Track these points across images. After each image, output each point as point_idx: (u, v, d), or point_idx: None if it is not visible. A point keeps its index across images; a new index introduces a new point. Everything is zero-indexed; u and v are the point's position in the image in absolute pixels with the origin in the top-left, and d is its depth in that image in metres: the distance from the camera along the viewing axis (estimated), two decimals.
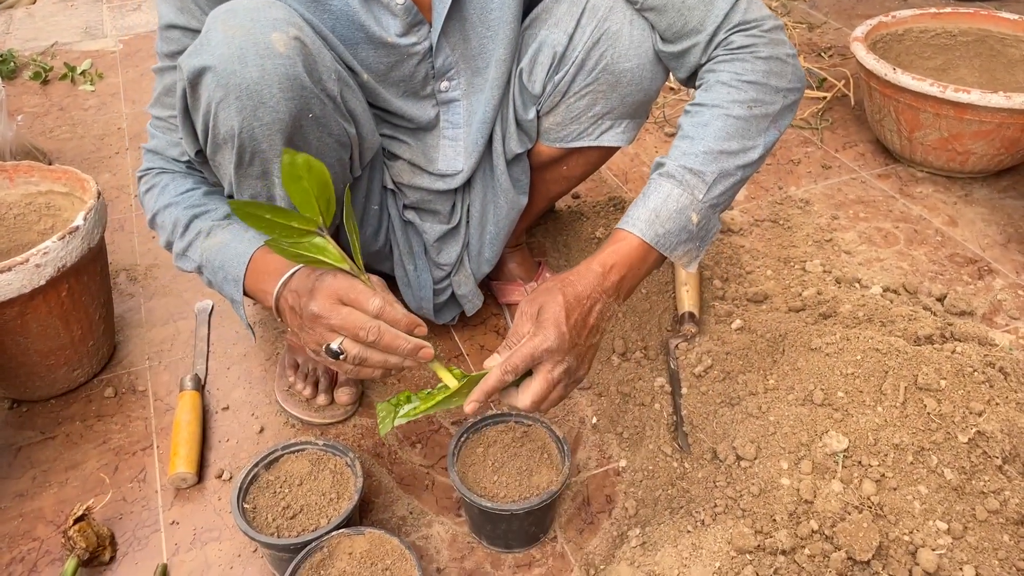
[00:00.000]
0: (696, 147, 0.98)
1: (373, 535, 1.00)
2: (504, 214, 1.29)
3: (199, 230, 1.06)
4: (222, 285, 1.04)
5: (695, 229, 0.99)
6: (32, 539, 1.14)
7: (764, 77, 1.00)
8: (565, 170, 1.29)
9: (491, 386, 0.91)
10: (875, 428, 1.04)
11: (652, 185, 0.99)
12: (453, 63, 1.15)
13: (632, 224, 0.98)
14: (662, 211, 0.97)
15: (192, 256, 1.07)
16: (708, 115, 1.00)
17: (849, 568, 0.94)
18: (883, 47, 1.98)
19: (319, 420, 1.29)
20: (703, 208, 0.98)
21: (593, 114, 1.16)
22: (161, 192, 1.10)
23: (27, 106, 2.32)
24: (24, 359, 1.25)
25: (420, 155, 1.23)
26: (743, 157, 0.99)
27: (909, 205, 1.78)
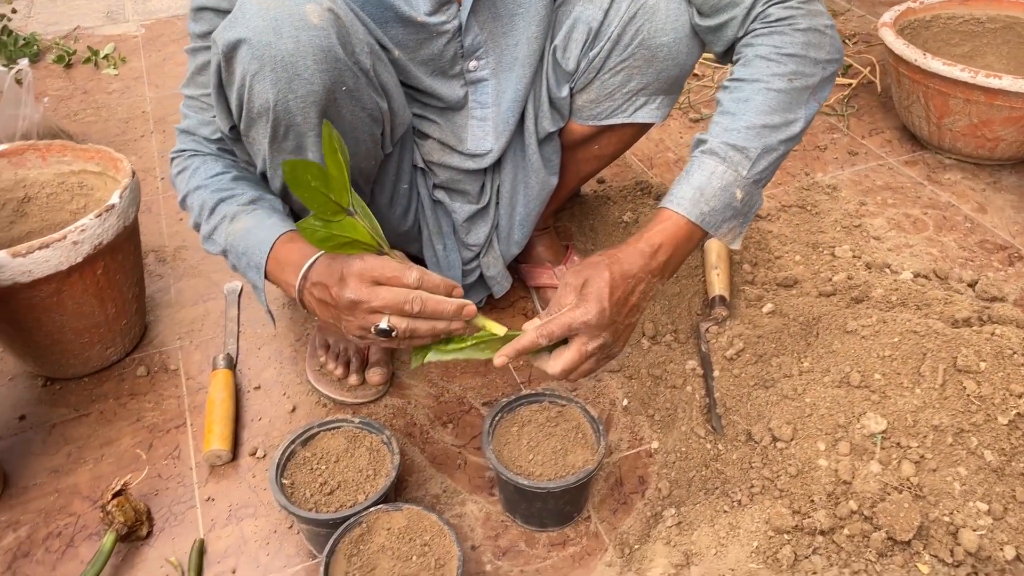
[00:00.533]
0: (738, 123, 0.98)
1: (411, 511, 1.00)
2: (535, 194, 1.29)
3: (224, 214, 1.06)
4: (245, 271, 1.04)
5: (739, 206, 0.98)
6: (69, 514, 1.15)
7: (803, 49, 0.99)
8: (597, 149, 1.29)
9: (523, 346, 0.93)
10: (914, 410, 1.04)
11: (695, 163, 0.99)
12: (482, 42, 1.15)
13: (677, 203, 0.98)
14: (707, 189, 0.97)
15: (217, 240, 1.07)
16: (749, 90, 0.99)
17: (889, 548, 0.95)
18: (910, 33, 1.96)
19: (351, 400, 1.29)
20: (747, 184, 0.98)
21: (628, 90, 1.16)
22: (192, 175, 1.11)
23: (51, 89, 2.33)
24: (59, 336, 1.26)
25: (449, 134, 1.23)
26: (786, 131, 0.99)
27: (937, 192, 1.77)
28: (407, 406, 1.30)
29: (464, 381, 1.35)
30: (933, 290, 1.32)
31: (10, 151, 1.36)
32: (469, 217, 1.32)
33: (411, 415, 1.29)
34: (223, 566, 1.08)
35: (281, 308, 1.50)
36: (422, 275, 0.90)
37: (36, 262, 1.14)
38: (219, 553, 1.10)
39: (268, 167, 1.05)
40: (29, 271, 1.14)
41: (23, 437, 1.26)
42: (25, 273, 1.14)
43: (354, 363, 1.31)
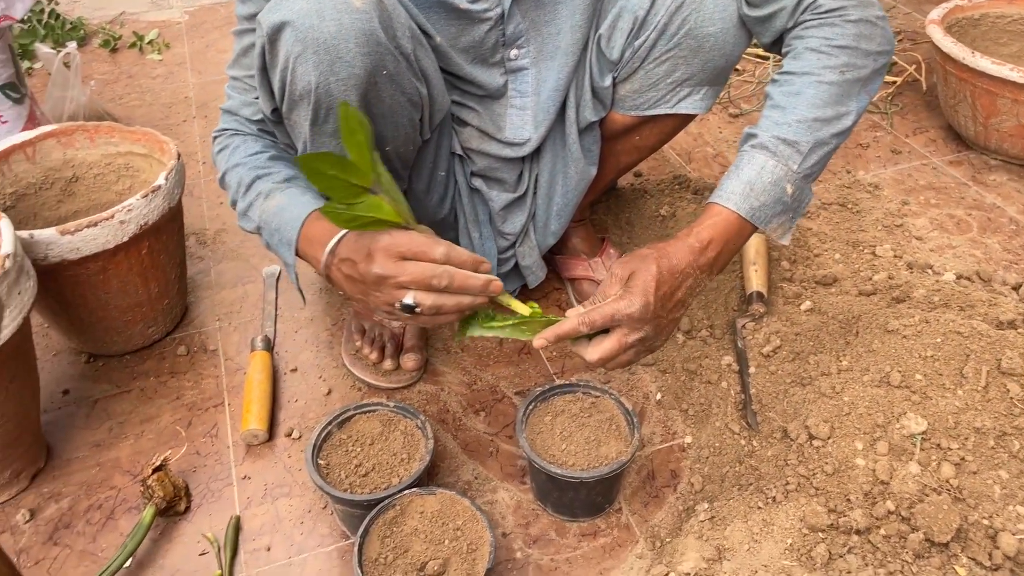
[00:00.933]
0: (789, 116, 0.97)
1: (444, 496, 1.01)
2: (573, 185, 1.29)
3: (259, 191, 1.07)
4: (277, 247, 1.05)
5: (789, 201, 0.98)
6: (109, 487, 1.18)
7: (855, 41, 0.97)
8: (638, 140, 1.28)
9: (564, 331, 0.93)
10: (955, 411, 1.02)
11: (744, 157, 0.98)
12: (523, 31, 1.14)
13: (727, 198, 0.97)
14: (756, 184, 0.96)
15: (252, 216, 1.08)
16: (800, 83, 0.98)
17: (926, 550, 0.93)
18: (958, 31, 1.93)
19: (385, 384, 1.31)
20: (798, 179, 0.97)
21: (672, 80, 1.15)
22: (232, 153, 1.12)
23: (97, 73, 2.37)
24: (103, 314, 1.29)
25: (488, 122, 1.24)
26: (837, 124, 0.98)
27: (982, 193, 1.73)
28: (440, 392, 1.31)
29: (497, 370, 1.35)
30: (976, 292, 1.29)
31: (60, 131, 1.38)
32: (506, 205, 1.32)
33: (444, 402, 1.30)
34: (258, 543, 1.10)
35: (318, 292, 1.51)
36: (449, 249, 0.90)
37: (84, 240, 1.17)
38: (254, 531, 1.11)
39: (308, 149, 1.06)
40: (77, 248, 1.17)
41: (66, 411, 1.29)
42: (73, 250, 1.17)
43: (389, 348, 1.32)
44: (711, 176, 1.79)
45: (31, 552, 1.09)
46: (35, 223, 1.37)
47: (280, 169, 1.10)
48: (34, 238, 1.14)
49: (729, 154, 1.89)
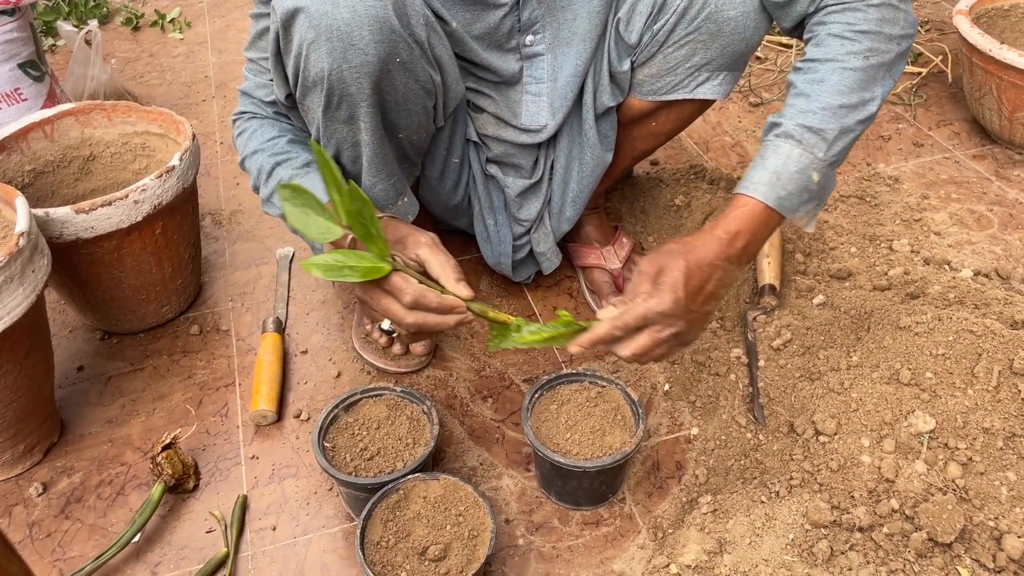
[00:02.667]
0: (813, 104, 0.96)
1: (447, 481, 1.02)
2: (589, 171, 1.28)
3: (280, 178, 1.08)
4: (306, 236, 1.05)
5: (815, 188, 0.97)
6: (120, 464, 1.20)
7: (877, 25, 0.96)
8: (654, 126, 1.27)
9: (599, 336, 0.94)
10: (964, 411, 1.01)
11: (769, 147, 0.97)
12: (539, 17, 1.14)
13: (753, 188, 0.96)
14: (783, 173, 0.95)
15: (276, 203, 1.10)
16: (824, 70, 0.97)
17: (929, 549, 0.93)
18: (987, 22, 1.89)
19: (394, 368, 1.31)
20: (823, 166, 0.96)
21: (691, 65, 1.14)
22: (250, 137, 1.13)
23: (118, 51, 2.39)
24: (118, 292, 1.30)
25: (504, 109, 1.23)
26: (862, 111, 0.97)
27: (1005, 188, 1.70)
28: (449, 378, 1.32)
29: (506, 357, 1.35)
30: (993, 289, 1.28)
31: (78, 110, 1.40)
32: (521, 192, 1.32)
33: (452, 387, 1.30)
34: (264, 523, 1.11)
35: None
36: (417, 298, 0.92)
37: (98, 219, 1.18)
38: (261, 510, 1.13)
39: (321, 135, 1.06)
40: (92, 227, 1.18)
41: (80, 387, 1.31)
42: (88, 229, 1.18)
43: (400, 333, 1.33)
44: (728, 166, 1.77)
45: (43, 525, 1.11)
46: (53, 201, 1.38)
47: (299, 153, 1.10)
48: (49, 216, 1.15)
49: (748, 143, 1.87)
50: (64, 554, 1.08)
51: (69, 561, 1.07)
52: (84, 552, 1.08)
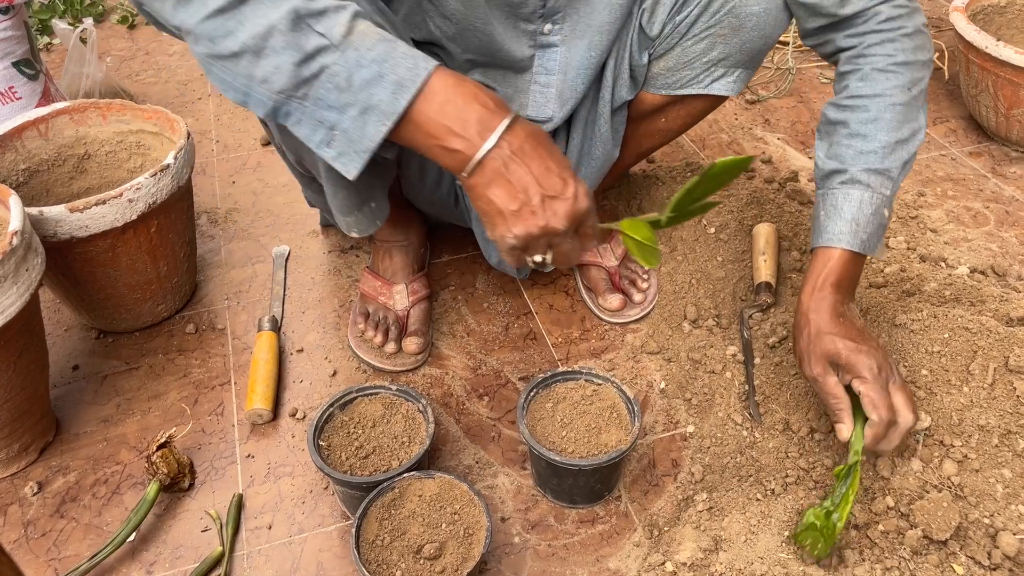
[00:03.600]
0: (872, 144, 0.99)
1: (443, 480, 1.02)
2: (596, 167, 1.28)
3: (345, 5, 0.73)
4: (369, 85, 0.72)
5: (887, 221, 1.02)
6: (116, 463, 1.19)
7: (913, 54, 1.00)
8: (663, 123, 1.27)
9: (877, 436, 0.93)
10: (960, 408, 1.01)
11: (840, 196, 1.00)
12: (562, 6, 1.11)
13: (837, 239, 1.00)
14: (860, 218, 0.99)
15: (323, 27, 0.71)
16: (875, 108, 0.99)
17: (924, 547, 0.93)
18: (983, 19, 1.89)
19: (389, 367, 1.31)
20: (891, 201, 1.01)
21: (708, 59, 1.15)
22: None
23: (114, 49, 2.38)
24: (113, 291, 1.30)
25: (512, 100, 1.21)
26: (915, 141, 1.01)
27: (1001, 185, 1.70)
28: (445, 376, 1.32)
29: (502, 355, 1.35)
30: (989, 287, 1.28)
31: (73, 108, 1.39)
32: None
33: (448, 385, 1.30)
34: (259, 521, 1.11)
35: (326, 274, 1.52)
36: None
37: (93, 218, 1.18)
38: (256, 509, 1.13)
39: (276, 138, 1.04)
40: (86, 226, 1.18)
41: (76, 386, 1.31)
42: (82, 228, 1.18)
43: (392, 331, 1.32)
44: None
45: (38, 524, 1.11)
46: (47, 199, 1.38)
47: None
48: (43, 215, 1.15)
49: (744, 141, 1.87)
50: (59, 553, 1.08)
51: (64, 560, 1.07)
52: (79, 551, 1.08)
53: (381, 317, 1.34)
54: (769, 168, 1.75)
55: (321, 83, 0.71)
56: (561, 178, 0.77)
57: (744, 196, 1.54)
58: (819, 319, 0.98)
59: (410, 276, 1.38)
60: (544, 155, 0.76)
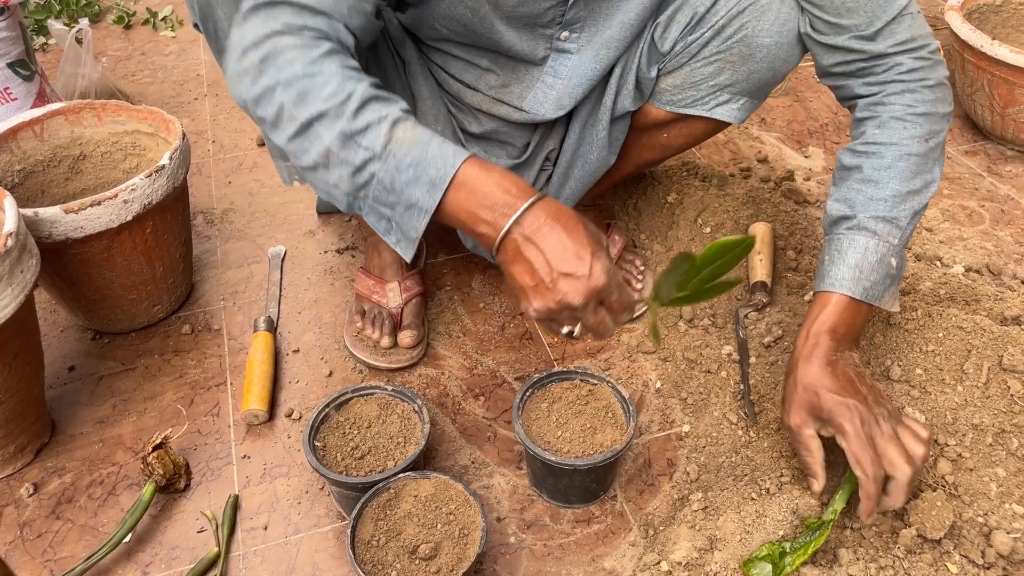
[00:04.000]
0: (883, 192, 0.98)
1: (438, 480, 1.02)
2: (590, 171, 1.28)
3: (384, 115, 0.83)
4: (406, 188, 0.83)
5: (895, 272, 0.99)
6: (112, 464, 1.19)
7: (933, 106, 0.99)
8: (664, 138, 1.27)
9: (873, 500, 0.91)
10: (954, 407, 1.01)
11: (846, 241, 0.99)
12: (582, 17, 1.11)
13: (839, 285, 0.98)
14: (864, 265, 0.98)
15: (366, 142, 0.82)
16: (890, 156, 0.99)
17: (919, 546, 0.93)
18: (979, 18, 1.89)
19: (384, 365, 1.31)
20: (899, 251, 0.99)
21: (715, 83, 1.14)
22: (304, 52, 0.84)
23: (110, 49, 2.38)
24: (108, 292, 1.30)
25: (511, 89, 1.19)
26: (927, 192, 1.00)
27: (997, 184, 1.71)
28: (441, 376, 1.32)
29: (498, 355, 1.35)
30: (984, 286, 1.28)
31: (68, 109, 1.39)
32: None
33: (444, 385, 1.30)
34: (255, 522, 1.11)
35: (322, 274, 1.52)
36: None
37: (88, 219, 1.18)
38: (252, 509, 1.13)
39: None
40: (81, 227, 1.18)
41: (72, 387, 1.31)
42: (77, 229, 1.18)
43: (387, 326, 1.33)
44: (720, 163, 1.77)
45: (34, 525, 1.11)
46: (43, 200, 1.38)
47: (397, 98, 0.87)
48: (38, 216, 1.15)
49: (740, 141, 1.87)
50: (55, 554, 1.08)
51: (60, 561, 1.07)
52: (75, 552, 1.08)
53: (376, 314, 1.34)
54: (765, 167, 1.76)
55: (372, 187, 0.83)
56: (578, 256, 0.81)
57: (740, 195, 1.54)
58: (807, 368, 0.96)
59: (402, 273, 1.38)
60: (563, 234, 0.81)
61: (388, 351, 1.32)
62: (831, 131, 1.91)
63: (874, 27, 0.98)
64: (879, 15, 0.98)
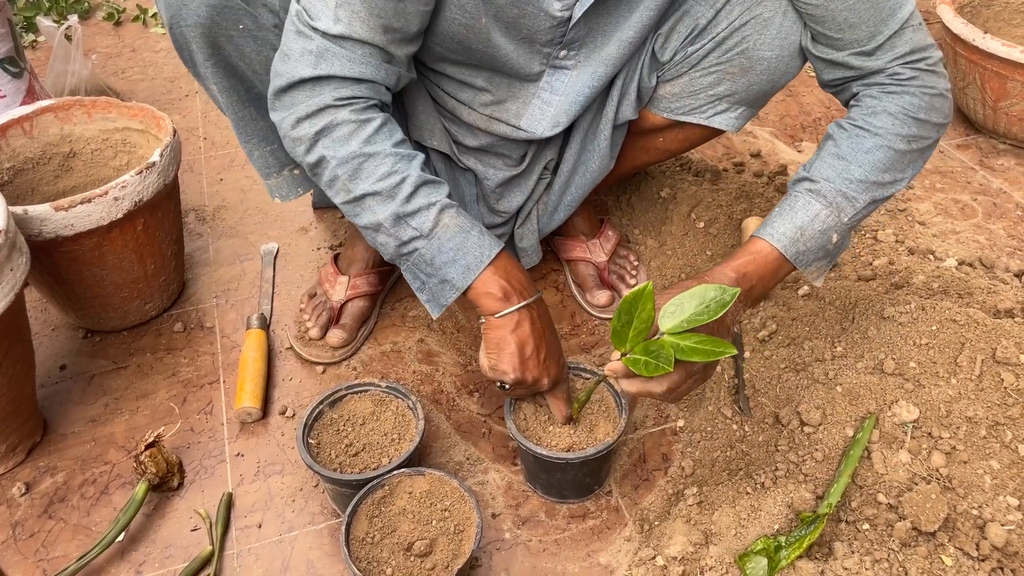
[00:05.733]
0: (853, 173, 0.99)
1: (433, 476, 1.01)
2: (590, 178, 1.28)
3: (433, 201, 0.98)
4: (445, 267, 0.99)
5: (832, 248, 1.00)
6: (104, 463, 1.19)
7: (927, 114, 0.99)
8: (660, 142, 1.27)
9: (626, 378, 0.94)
10: (948, 400, 1.01)
11: (799, 200, 1.00)
12: (581, 37, 1.09)
13: (777, 238, 0.99)
14: (808, 229, 0.98)
15: (415, 223, 0.97)
16: (871, 143, 0.99)
17: (913, 538, 0.93)
18: (971, 12, 1.89)
19: (304, 354, 1.33)
20: (844, 229, 1.00)
21: (714, 93, 1.14)
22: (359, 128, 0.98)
23: (100, 46, 2.36)
24: (99, 290, 1.29)
25: (507, 107, 1.18)
26: (891, 188, 1.01)
27: (989, 177, 1.71)
28: (435, 373, 1.31)
29: None
30: (977, 279, 1.28)
31: (57, 106, 1.38)
32: (503, 183, 1.29)
33: (438, 382, 1.30)
34: (249, 520, 1.11)
35: (315, 271, 1.51)
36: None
37: (78, 216, 1.17)
38: (246, 507, 1.12)
39: None
40: (71, 225, 1.17)
41: (63, 386, 1.30)
42: (67, 227, 1.17)
43: (322, 318, 1.34)
44: (713, 158, 1.77)
45: (26, 525, 1.10)
46: (33, 198, 1.37)
47: (441, 180, 1.02)
48: (28, 214, 1.14)
49: (733, 136, 1.87)
50: (48, 554, 1.07)
51: (53, 561, 1.06)
52: (68, 552, 1.07)
53: (319, 303, 1.36)
54: (758, 162, 1.76)
55: (414, 258, 1.00)
56: (558, 348, 1.04)
57: (733, 190, 1.54)
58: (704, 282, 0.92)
59: (361, 270, 1.38)
60: (552, 331, 1.05)
61: (313, 342, 1.33)
62: (824, 125, 1.92)
63: (875, 42, 0.98)
64: (880, 29, 0.97)
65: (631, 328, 0.87)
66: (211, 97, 1.17)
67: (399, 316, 1.42)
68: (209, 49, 1.06)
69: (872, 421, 1.01)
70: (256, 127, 1.19)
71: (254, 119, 1.18)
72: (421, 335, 1.38)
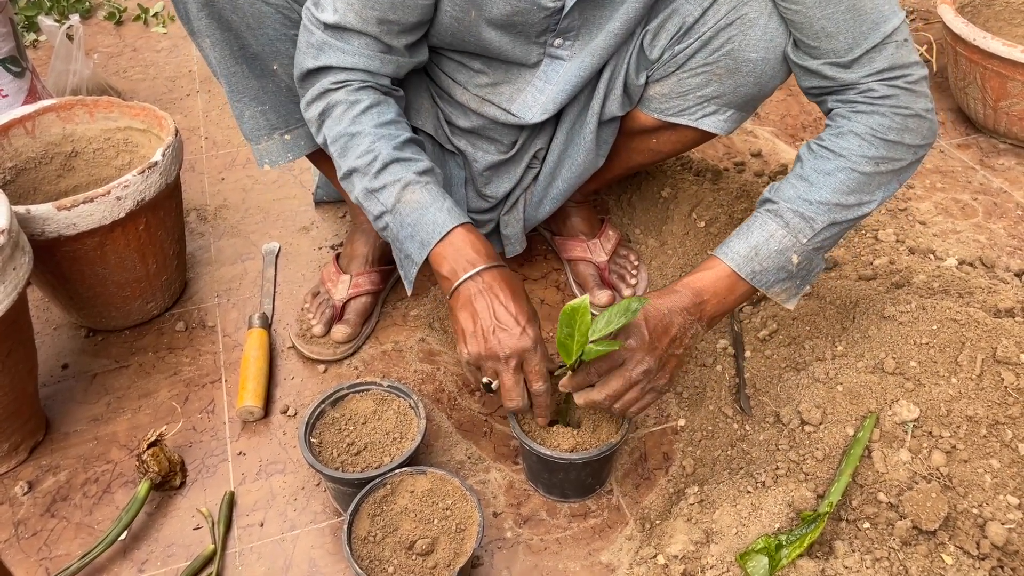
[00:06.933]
0: (813, 194, 0.98)
1: (435, 475, 1.02)
2: (577, 173, 1.28)
3: (398, 178, 1.02)
4: (405, 241, 1.03)
5: (794, 270, 1.00)
6: (106, 461, 1.19)
7: (899, 135, 0.97)
8: (653, 143, 1.27)
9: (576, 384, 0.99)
10: (948, 399, 1.01)
11: (757, 220, 1.00)
12: (576, 26, 1.10)
13: (730, 257, 1.00)
14: (762, 249, 0.99)
15: (382, 198, 1.03)
16: (833, 164, 0.98)
17: (914, 537, 0.93)
18: (972, 11, 1.89)
19: (306, 351, 1.33)
20: (806, 251, 0.99)
21: (702, 94, 1.14)
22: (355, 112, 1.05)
23: (101, 46, 2.37)
24: (101, 289, 1.29)
25: (502, 90, 1.19)
26: (857, 211, 1.00)
27: (989, 177, 1.71)
28: (436, 372, 1.32)
29: None
30: (977, 278, 1.28)
31: (59, 106, 1.38)
32: (491, 166, 1.28)
33: (440, 381, 1.30)
34: (251, 519, 1.11)
35: (316, 270, 1.52)
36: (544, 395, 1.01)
37: (80, 216, 1.17)
38: (248, 506, 1.13)
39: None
40: (73, 224, 1.17)
41: (65, 385, 1.31)
42: (69, 226, 1.17)
43: (326, 315, 1.35)
44: (714, 157, 1.77)
45: (29, 524, 1.11)
46: (35, 198, 1.37)
47: (418, 156, 1.06)
48: (31, 213, 1.14)
49: (734, 135, 1.87)
50: (50, 553, 1.08)
51: (55, 560, 1.07)
52: (70, 550, 1.08)
53: (322, 301, 1.37)
54: (759, 161, 1.76)
55: (387, 233, 1.05)
56: (514, 316, 0.98)
57: (734, 190, 1.55)
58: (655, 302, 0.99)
59: (362, 268, 1.38)
60: (507, 297, 0.99)
61: (317, 339, 1.33)
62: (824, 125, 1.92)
63: (852, 55, 0.96)
64: (859, 42, 0.95)
65: (574, 340, 0.92)
66: (204, 57, 1.18)
67: (400, 315, 1.42)
68: (206, 6, 1.08)
69: (873, 420, 1.02)
70: (247, 85, 1.19)
71: (246, 76, 1.17)
72: (422, 334, 1.38)
